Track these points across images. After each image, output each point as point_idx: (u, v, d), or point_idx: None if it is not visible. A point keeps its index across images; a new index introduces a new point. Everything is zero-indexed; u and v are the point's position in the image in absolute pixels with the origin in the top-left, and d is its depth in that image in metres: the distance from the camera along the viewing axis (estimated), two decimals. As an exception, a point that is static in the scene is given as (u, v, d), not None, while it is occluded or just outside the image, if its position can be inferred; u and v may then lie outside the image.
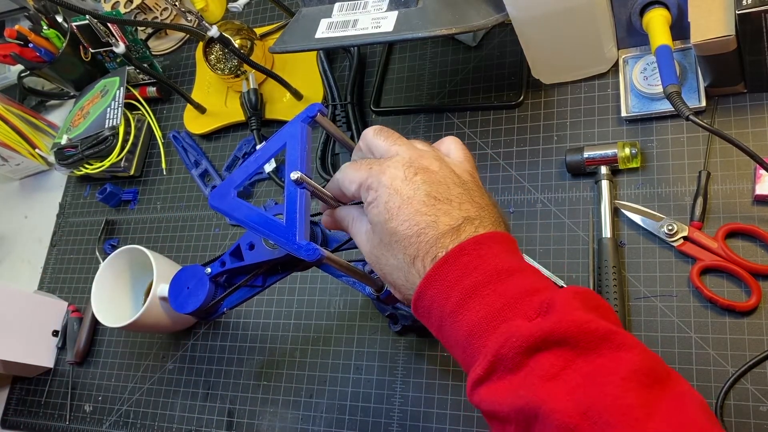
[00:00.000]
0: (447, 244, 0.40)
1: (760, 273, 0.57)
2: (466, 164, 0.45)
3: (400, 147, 0.44)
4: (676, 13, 0.61)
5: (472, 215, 0.41)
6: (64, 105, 1.07)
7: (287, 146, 0.47)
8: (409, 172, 0.42)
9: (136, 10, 0.96)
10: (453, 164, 0.44)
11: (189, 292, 0.55)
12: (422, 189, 0.41)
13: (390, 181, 0.42)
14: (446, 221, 0.40)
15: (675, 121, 0.65)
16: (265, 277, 0.55)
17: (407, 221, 0.41)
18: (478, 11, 0.61)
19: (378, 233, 0.42)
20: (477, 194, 0.43)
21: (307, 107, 0.47)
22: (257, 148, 0.83)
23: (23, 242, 0.99)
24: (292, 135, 0.47)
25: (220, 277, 0.55)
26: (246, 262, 0.53)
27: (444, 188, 0.42)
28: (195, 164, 0.88)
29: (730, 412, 0.55)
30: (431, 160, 0.43)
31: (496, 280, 0.39)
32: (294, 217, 0.44)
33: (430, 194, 0.41)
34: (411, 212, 0.41)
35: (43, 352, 0.86)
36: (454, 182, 0.42)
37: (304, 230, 0.44)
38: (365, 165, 0.44)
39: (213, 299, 0.55)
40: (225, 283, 0.56)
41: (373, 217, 0.42)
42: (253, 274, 0.54)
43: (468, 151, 0.46)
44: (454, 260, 0.39)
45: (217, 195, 0.50)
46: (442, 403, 0.65)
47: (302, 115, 0.48)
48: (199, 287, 0.55)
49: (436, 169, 0.43)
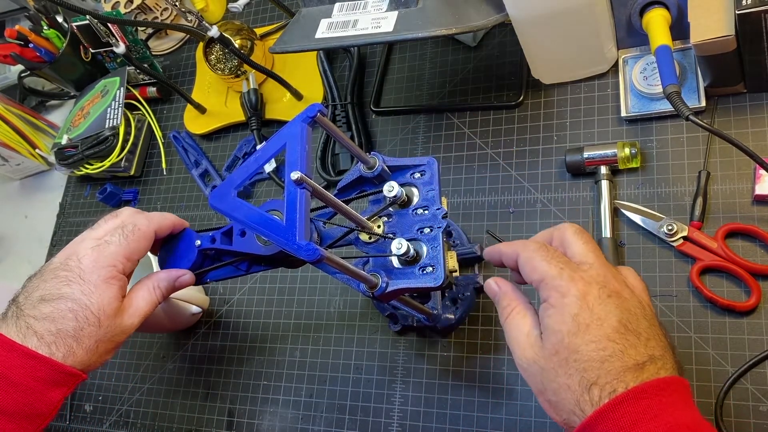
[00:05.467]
0: (629, 380, 0.38)
1: (759, 273, 0.57)
2: (645, 296, 0.44)
3: (597, 259, 0.42)
4: (676, 13, 0.62)
5: (656, 354, 0.39)
6: (64, 105, 1.07)
7: (287, 146, 0.47)
8: (603, 291, 0.40)
9: (137, 11, 0.96)
10: (638, 294, 0.43)
11: (177, 255, 0.56)
12: (614, 314, 0.39)
13: (583, 293, 0.40)
14: (633, 355, 0.38)
15: (675, 121, 0.65)
16: (251, 265, 0.56)
17: (595, 343, 0.39)
18: (478, 11, 0.61)
19: (553, 343, 0.40)
20: (660, 331, 0.41)
21: (308, 107, 0.48)
22: (257, 148, 0.83)
23: (23, 242, 0.99)
24: (292, 135, 0.47)
25: (209, 250, 0.56)
26: (233, 248, 0.54)
27: (634, 318, 0.40)
28: (195, 164, 0.88)
29: (730, 412, 0.55)
30: (623, 285, 0.42)
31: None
32: (294, 216, 0.44)
33: (621, 321, 0.39)
34: (600, 335, 0.39)
35: (44, 352, 0.86)
36: (643, 314, 0.41)
37: (304, 230, 0.44)
38: (557, 261, 0.42)
39: (198, 269, 0.56)
40: (213, 256, 0.57)
41: (553, 323, 0.40)
42: (238, 258, 0.55)
43: (644, 282, 0.45)
44: (633, 401, 0.37)
45: (217, 195, 0.50)
46: (442, 403, 0.65)
47: (302, 115, 0.48)
48: (188, 253, 0.56)
49: (627, 297, 0.41)
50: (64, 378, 0.48)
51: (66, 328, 0.48)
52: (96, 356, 0.50)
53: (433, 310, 0.63)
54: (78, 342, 0.48)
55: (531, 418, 0.61)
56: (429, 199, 0.52)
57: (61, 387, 0.48)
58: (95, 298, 0.49)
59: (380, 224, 0.53)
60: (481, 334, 0.65)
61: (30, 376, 0.46)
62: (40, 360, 0.47)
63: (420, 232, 0.50)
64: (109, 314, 0.50)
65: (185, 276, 0.55)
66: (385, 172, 0.53)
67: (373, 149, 0.79)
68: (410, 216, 0.52)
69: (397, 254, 0.48)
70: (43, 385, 0.47)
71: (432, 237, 0.50)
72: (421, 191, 0.53)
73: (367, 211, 0.54)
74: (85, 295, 0.49)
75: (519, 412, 0.62)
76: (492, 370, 0.64)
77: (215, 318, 0.79)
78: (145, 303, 0.53)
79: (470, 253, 0.66)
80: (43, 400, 0.48)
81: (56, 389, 0.48)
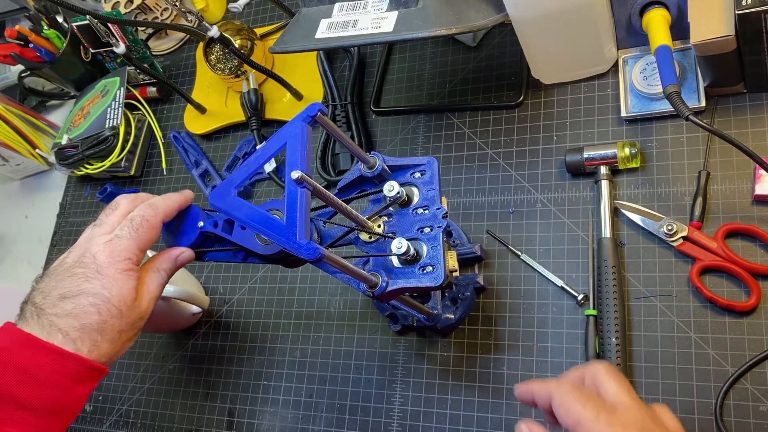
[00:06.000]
0: None
1: (759, 273, 0.57)
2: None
3: (632, 400, 0.43)
4: (676, 13, 0.62)
5: None
6: (64, 105, 1.07)
7: (288, 145, 0.47)
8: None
9: (137, 11, 0.96)
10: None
11: (180, 231, 0.56)
12: None
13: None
14: None
15: (675, 121, 0.65)
16: (247, 255, 0.56)
17: None
18: (478, 11, 0.61)
19: None
20: None
21: (308, 106, 0.48)
22: (257, 148, 0.83)
23: (24, 242, 0.99)
24: (292, 134, 0.47)
25: (210, 233, 0.56)
26: (232, 238, 0.54)
27: None
28: (195, 164, 0.89)
29: (730, 412, 0.55)
30: (660, 426, 0.42)
31: None
32: (294, 216, 0.44)
33: None
34: None
35: (44, 351, 0.86)
36: None
37: (305, 229, 0.44)
38: (593, 404, 0.42)
39: (198, 247, 0.56)
40: (214, 238, 0.57)
41: None
42: (236, 248, 0.55)
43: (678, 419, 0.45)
44: None
45: (217, 194, 0.50)
46: (442, 403, 0.65)
47: (302, 114, 0.48)
48: (189, 231, 0.56)
49: None
50: (90, 373, 0.49)
51: (90, 322, 0.49)
52: (119, 346, 0.51)
53: (433, 309, 0.63)
54: (102, 335, 0.49)
55: (531, 418, 0.61)
56: (429, 198, 0.52)
57: (86, 382, 0.49)
58: (116, 290, 0.50)
59: (380, 224, 0.53)
60: (481, 334, 0.65)
61: (57, 373, 0.47)
62: (66, 356, 0.48)
63: (420, 231, 0.50)
64: (129, 304, 0.51)
65: (185, 253, 0.56)
66: (385, 172, 0.53)
67: (373, 149, 0.79)
68: (410, 215, 0.52)
69: (398, 254, 0.48)
70: (70, 380, 0.48)
71: (432, 236, 0.50)
72: (421, 191, 0.53)
73: (367, 211, 0.54)
74: (106, 289, 0.50)
75: (519, 412, 0.62)
76: (492, 370, 0.64)
77: (215, 318, 0.80)
78: (155, 286, 0.54)
79: (470, 252, 0.66)
80: (70, 396, 0.48)
81: (82, 384, 0.49)
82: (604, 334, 0.59)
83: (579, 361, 0.61)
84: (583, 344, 0.61)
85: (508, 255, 0.67)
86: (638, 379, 0.58)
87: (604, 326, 0.59)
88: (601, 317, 0.60)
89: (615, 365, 0.57)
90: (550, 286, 0.64)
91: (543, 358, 0.62)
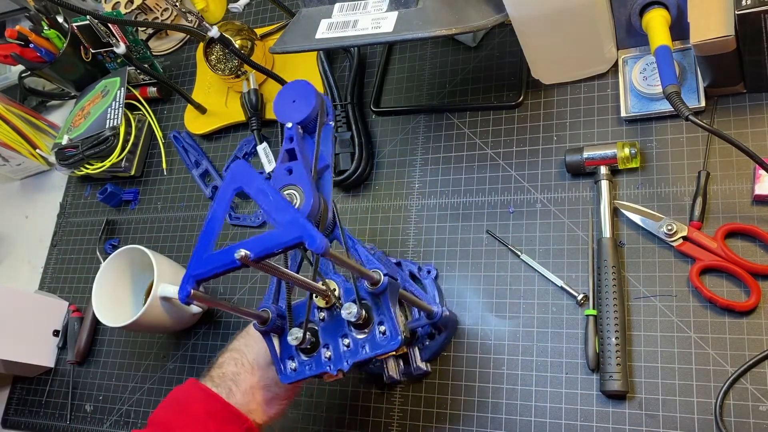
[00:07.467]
0: None
1: (759, 273, 0.57)
2: None
3: None
4: (676, 13, 0.62)
5: None
6: (64, 105, 1.07)
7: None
8: None
9: (137, 11, 0.96)
10: None
11: (295, 105, 0.55)
12: None
13: None
14: None
15: (674, 121, 0.65)
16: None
17: None
18: (478, 11, 0.61)
19: None
20: None
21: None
22: (258, 149, 0.83)
23: (24, 242, 0.99)
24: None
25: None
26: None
27: None
28: (195, 164, 0.89)
29: (730, 412, 0.55)
30: None
31: None
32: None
33: None
34: None
35: (44, 351, 0.87)
36: None
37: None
38: None
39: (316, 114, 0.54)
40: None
41: None
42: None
43: None
44: None
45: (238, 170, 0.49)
46: (442, 402, 0.65)
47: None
48: (305, 102, 0.54)
49: None
50: (230, 416, 0.54)
51: (228, 371, 0.56)
52: (254, 403, 0.56)
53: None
54: (236, 384, 0.56)
55: (531, 418, 0.61)
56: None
57: (230, 425, 0.54)
58: (253, 349, 0.58)
59: (334, 286, 0.53)
60: (481, 334, 0.65)
61: (204, 410, 0.54)
62: (210, 395, 0.54)
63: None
64: (262, 364, 0.57)
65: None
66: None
67: (373, 149, 0.78)
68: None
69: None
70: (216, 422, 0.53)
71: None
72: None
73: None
74: (247, 347, 0.58)
75: (519, 412, 0.62)
76: (492, 370, 0.64)
77: (215, 318, 0.80)
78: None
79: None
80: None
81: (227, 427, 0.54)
82: (604, 334, 0.59)
83: (579, 361, 0.61)
84: (583, 344, 0.61)
85: (508, 255, 0.67)
86: (638, 379, 0.58)
87: (604, 326, 0.59)
88: (601, 317, 0.60)
89: (615, 365, 0.58)
90: (550, 286, 0.64)
91: (543, 358, 0.62)
